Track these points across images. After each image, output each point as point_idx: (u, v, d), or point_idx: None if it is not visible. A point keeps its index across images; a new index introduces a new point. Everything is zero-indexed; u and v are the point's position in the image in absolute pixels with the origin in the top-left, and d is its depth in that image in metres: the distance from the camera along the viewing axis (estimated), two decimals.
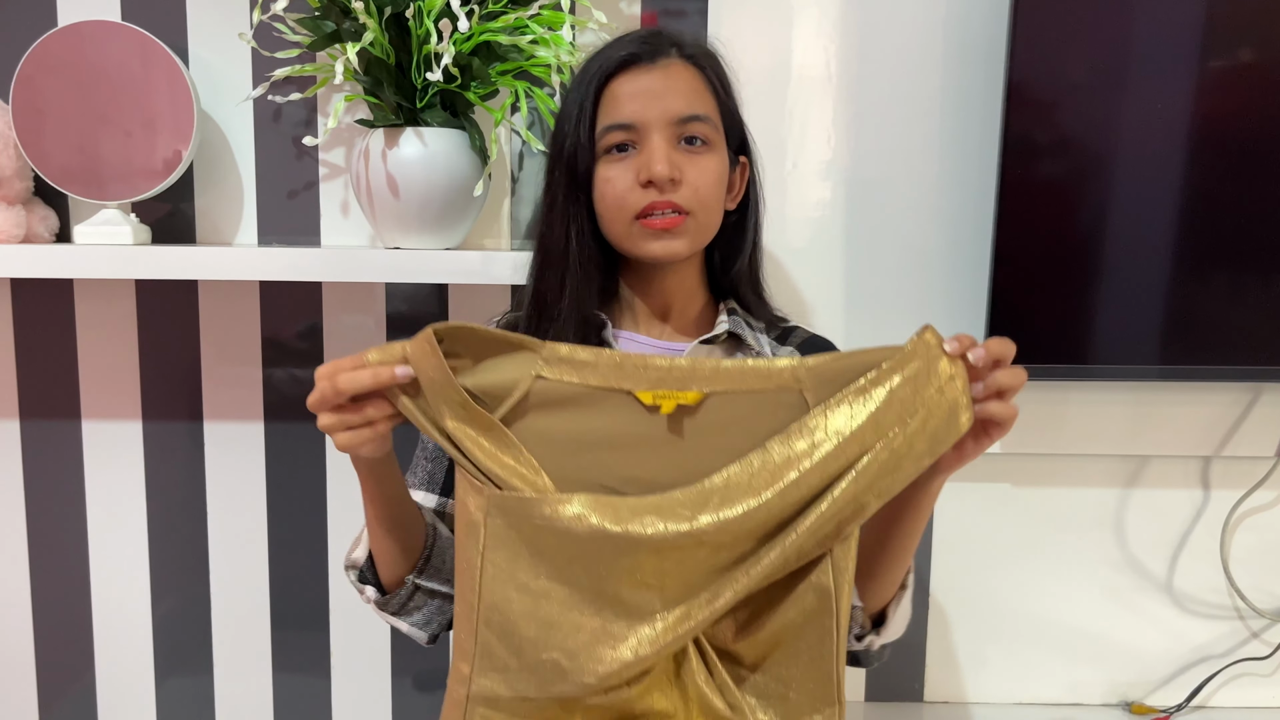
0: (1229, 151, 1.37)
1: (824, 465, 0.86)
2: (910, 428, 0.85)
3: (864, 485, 0.86)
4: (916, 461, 0.87)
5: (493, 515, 0.89)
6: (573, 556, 0.88)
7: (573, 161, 1.07)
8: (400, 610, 1.10)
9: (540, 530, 0.88)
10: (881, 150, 1.49)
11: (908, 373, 0.86)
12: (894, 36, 1.47)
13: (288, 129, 1.51)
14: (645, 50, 1.06)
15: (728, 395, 0.89)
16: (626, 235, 1.07)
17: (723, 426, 0.90)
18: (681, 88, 1.06)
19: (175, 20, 1.48)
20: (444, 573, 1.09)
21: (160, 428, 1.57)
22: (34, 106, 1.37)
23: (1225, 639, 1.62)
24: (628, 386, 0.90)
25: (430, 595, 1.10)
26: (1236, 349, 1.42)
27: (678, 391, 0.89)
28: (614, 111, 1.06)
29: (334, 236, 1.53)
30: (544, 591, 0.90)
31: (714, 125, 1.08)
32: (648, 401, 0.89)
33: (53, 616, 1.62)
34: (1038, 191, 1.39)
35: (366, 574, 1.10)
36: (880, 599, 1.06)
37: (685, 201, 1.05)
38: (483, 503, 0.90)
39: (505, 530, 0.89)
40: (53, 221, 1.48)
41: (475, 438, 0.89)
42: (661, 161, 1.03)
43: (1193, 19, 1.34)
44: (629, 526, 0.86)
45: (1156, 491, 1.58)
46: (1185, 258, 1.39)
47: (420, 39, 1.26)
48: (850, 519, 0.87)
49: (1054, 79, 1.37)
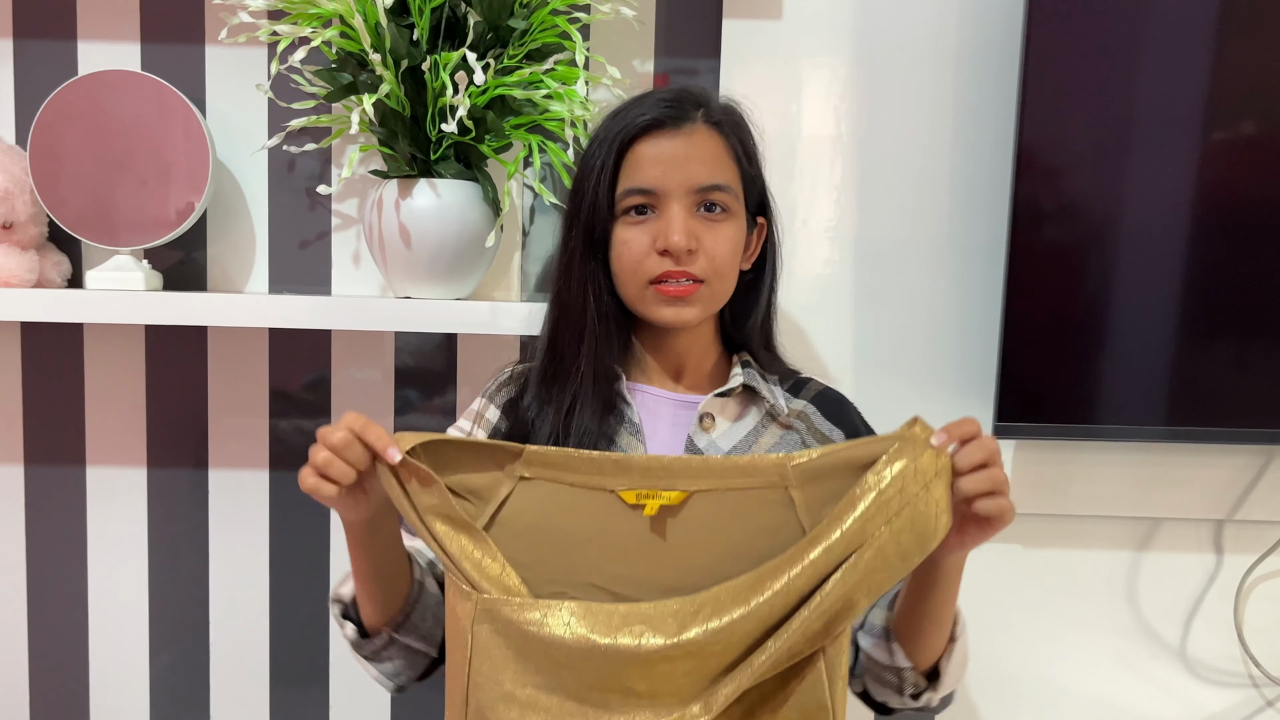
0: (1237, 217, 1.38)
1: (812, 569, 0.85)
2: (896, 525, 0.84)
3: (852, 584, 0.85)
4: (904, 559, 0.86)
5: (480, 621, 0.90)
6: (560, 664, 0.88)
7: (591, 220, 1.07)
8: (373, 657, 1.08)
9: (528, 638, 0.88)
10: (891, 211, 1.49)
11: (894, 471, 0.85)
12: (904, 99, 1.48)
13: (301, 180, 1.52)
14: (670, 115, 1.06)
15: (712, 494, 0.90)
16: (639, 298, 1.08)
17: (707, 525, 0.90)
18: (704, 155, 1.06)
19: (194, 71, 1.50)
20: (421, 630, 1.08)
21: (165, 475, 1.56)
22: (52, 153, 1.39)
23: (1240, 708, 1.59)
24: (610, 485, 0.91)
25: (405, 650, 1.08)
26: (1247, 413, 1.41)
27: (661, 491, 0.89)
28: (635, 175, 1.06)
29: (345, 286, 1.53)
30: (531, 701, 0.89)
31: (734, 193, 1.08)
32: (631, 501, 0.90)
33: (49, 666, 1.59)
34: (1048, 256, 1.39)
35: (350, 611, 1.09)
36: (929, 658, 1.03)
37: (700, 271, 1.05)
38: (470, 609, 0.90)
39: (492, 637, 0.90)
40: (65, 267, 1.49)
41: (457, 539, 0.91)
42: (679, 232, 1.03)
43: (1199, 89, 1.36)
44: (618, 638, 0.86)
45: (1168, 555, 1.56)
46: (1196, 322, 1.39)
47: (435, 91, 1.28)
48: (839, 617, 0.86)
49: (1064, 146, 1.38)
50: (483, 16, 1.29)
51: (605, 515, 0.91)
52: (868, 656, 1.08)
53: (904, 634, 1.03)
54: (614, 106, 1.11)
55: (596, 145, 1.09)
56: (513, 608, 0.88)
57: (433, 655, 1.10)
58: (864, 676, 1.10)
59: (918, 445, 0.86)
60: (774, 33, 1.48)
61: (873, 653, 1.07)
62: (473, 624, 0.90)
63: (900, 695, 1.06)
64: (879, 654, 1.06)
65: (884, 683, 1.07)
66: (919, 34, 1.47)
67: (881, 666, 1.06)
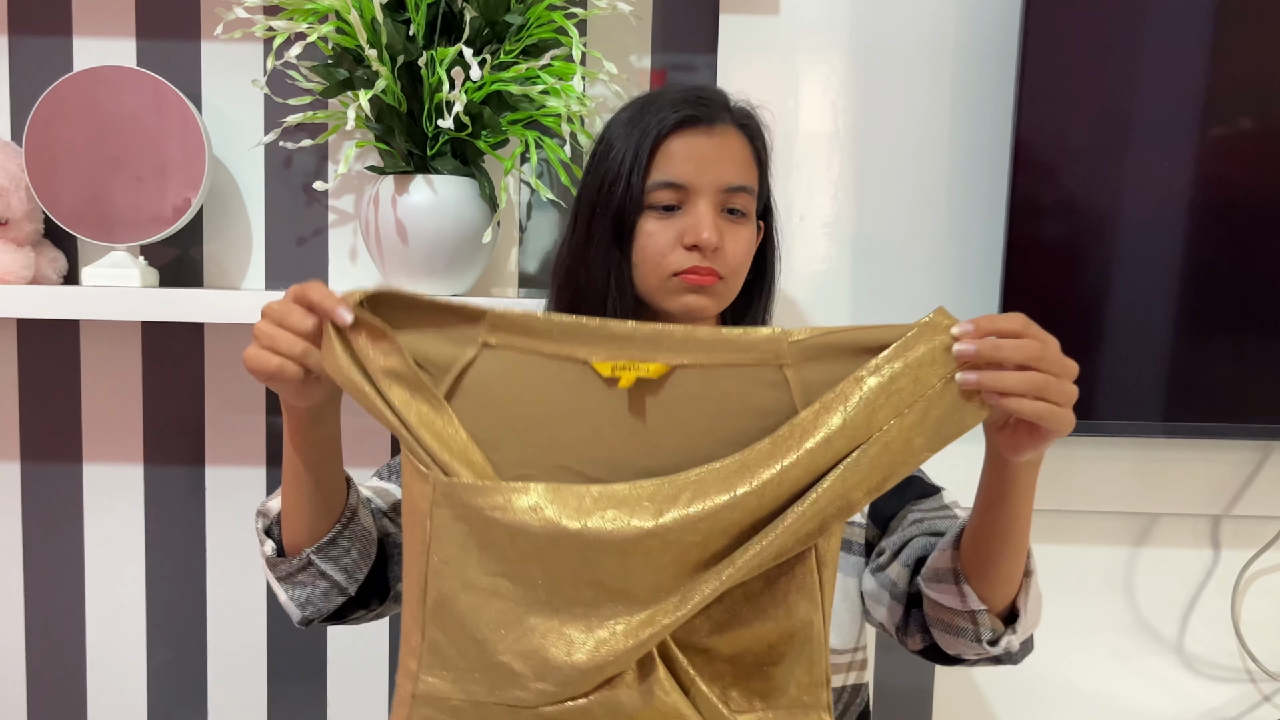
0: (1234, 213, 1.38)
1: (809, 460, 0.77)
2: (907, 420, 0.76)
3: (852, 482, 0.77)
4: (913, 456, 0.77)
5: (439, 505, 0.81)
6: (526, 553, 0.80)
7: (621, 210, 1.07)
8: (286, 578, 1.02)
9: (491, 523, 0.80)
10: (888, 207, 1.50)
11: (910, 359, 0.76)
12: (901, 94, 1.48)
13: (298, 176, 1.52)
14: (703, 113, 1.06)
15: (697, 369, 0.80)
16: (660, 288, 1.08)
17: (690, 404, 0.81)
18: (735, 157, 1.07)
19: (190, 67, 1.50)
20: (344, 561, 1.01)
21: (162, 472, 1.56)
22: (47, 149, 1.38)
23: (1237, 702, 1.59)
24: (583, 355, 0.81)
25: (321, 577, 1.01)
26: (1244, 408, 1.42)
27: (639, 363, 0.80)
28: (667, 169, 1.06)
29: (342, 282, 1.53)
30: (495, 589, 0.81)
31: (754, 197, 1.09)
32: (605, 374, 0.80)
33: (47, 663, 1.59)
34: (1045, 252, 1.39)
35: (274, 529, 1.04)
36: (1005, 596, 0.95)
37: (721, 268, 1.06)
38: (428, 490, 0.81)
39: (453, 522, 0.81)
40: (61, 264, 1.48)
41: (416, 406, 0.81)
42: (710, 229, 1.04)
43: (1196, 85, 1.36)
44: (588, 522, 0.78)
45: (1166, 550, 1.57)
46: (1193, 318, 1.39)
47: (432, 87, 1.27)
48: (835, 516, 0.78)
49: (1061, 141, 1.38)
50: (479, 12, 1.29)
51: (577, 390, 0.81)
52: (935, 604, 0.98)
53: (974, 570, 0.93)
54: (636, 98, 1.11)
55: (625, 134, 1.08)
56: (473, 491, 0.80)
57: (349, 594, 1.03)
58: (933, 628, 1.01)
59: (939, 333, 0.77)
60: (771, 28, 1.47)
61: (942, 599, 0.97)
62: (431, 506, 0.81)
63: (978, 643, 0.96)
64: (949, 599, 0.96)
65: (957, 631, 0.97)
66: (917, 30, 1.47)
67: (953, 613, 0.96)
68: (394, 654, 1.58)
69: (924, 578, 1.00)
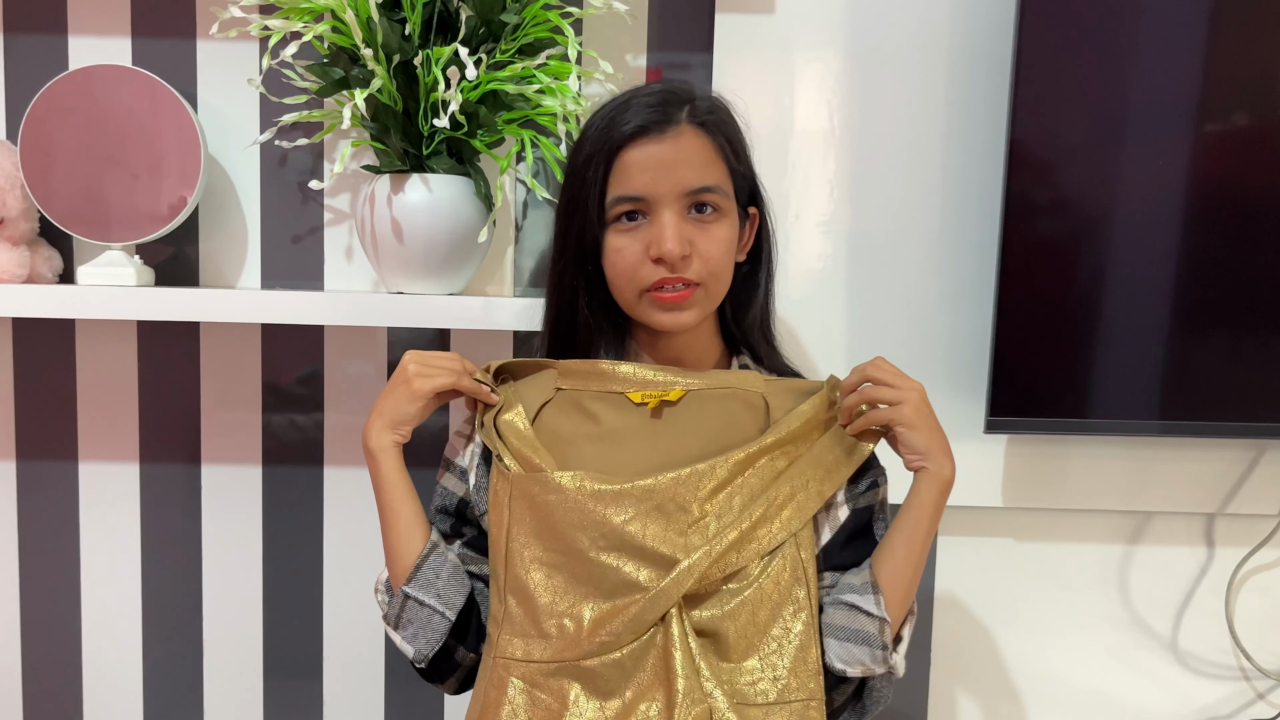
0: (1229, 211, 1.38)
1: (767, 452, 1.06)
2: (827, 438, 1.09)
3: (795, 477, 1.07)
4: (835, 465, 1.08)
5: (515, 497, 1.07)
6: (576, 526, 1.03)
7: (582, 229, 1.08)
8: (396, 623, 1.10)
9: (550, 504, 1.04)
10: (883, 205, 1.49)
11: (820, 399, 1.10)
12: (896, 92, 1.48)
13: (293, 174, 1.52)
14: (655, 119, 1.05)
15: (703, 392, 1.10)
16: (635, 305, 1.09)
17: (697, 414, 1.09)
18: (692, 158, 1.06)
19: (186, 66, 1.50)
20: (435, 586, 1.09)
21: (158, 470, 1.56)
22: (42, 148, 1.38)
23: (1230, 700, 1.60)
24: (619, 389, 1.10)
25: (419, 605, 1.09)
26: (1239, 406, 1.42)
27: (661, 392, 1.09)
28: (624, 183, 1.06)
29: (337, 281, 1.53)
30: (556, 564, 1.04)
31: (724, 192, 1.08)
32: (637, 400, 1.09)
33: (43, 661, 1.59)
34: (1040, 250, 1.39)
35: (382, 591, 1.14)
36: (898, 612, 1.06)
37: (695, 274, 1.06)
38: (507, 486, 1.07)
39: (524, 511, 1.06)
40: (56, 262, 1.48)
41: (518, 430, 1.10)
42: (672, 239, 1.03)
43: (1190, 82, 1.36)
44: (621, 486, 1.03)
45: (1160, 549, 1.57)
46: (1188, 316, 1.39)
47: (428, 86, 1.27)
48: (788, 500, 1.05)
49: (1056, 139, 1.38)
50: (475, 11, 1.29)
51: (617, 413, 1.09)
52: (848, 613, 1.05)
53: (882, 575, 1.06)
54: (601, 104, 1.11)
55: (582, 147, 1.09)
56: (538, 481, 1.05)
57: (449, 619, 1.09)
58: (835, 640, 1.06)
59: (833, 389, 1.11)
60: (767, 27, 1.47)
61: (859, 603, 1.05)
62: (509, 499, 1.07)
63: (883, 650, 1.04)
64: (866, 604, 1.04)
65: (864, 639, 1.04)
66: (911, 28, 1.47)
67: (867, 618, 1.04)
68: (389, 653, 1.58)
69: (839, 590, 1.08)
